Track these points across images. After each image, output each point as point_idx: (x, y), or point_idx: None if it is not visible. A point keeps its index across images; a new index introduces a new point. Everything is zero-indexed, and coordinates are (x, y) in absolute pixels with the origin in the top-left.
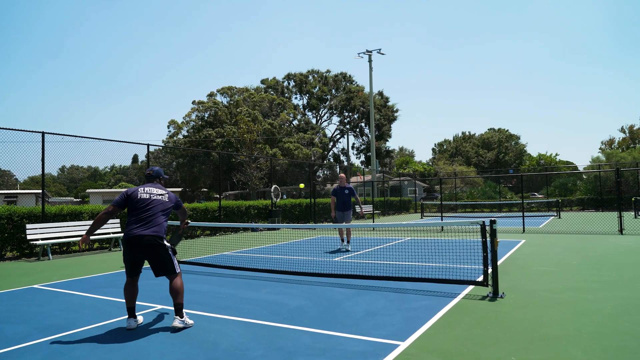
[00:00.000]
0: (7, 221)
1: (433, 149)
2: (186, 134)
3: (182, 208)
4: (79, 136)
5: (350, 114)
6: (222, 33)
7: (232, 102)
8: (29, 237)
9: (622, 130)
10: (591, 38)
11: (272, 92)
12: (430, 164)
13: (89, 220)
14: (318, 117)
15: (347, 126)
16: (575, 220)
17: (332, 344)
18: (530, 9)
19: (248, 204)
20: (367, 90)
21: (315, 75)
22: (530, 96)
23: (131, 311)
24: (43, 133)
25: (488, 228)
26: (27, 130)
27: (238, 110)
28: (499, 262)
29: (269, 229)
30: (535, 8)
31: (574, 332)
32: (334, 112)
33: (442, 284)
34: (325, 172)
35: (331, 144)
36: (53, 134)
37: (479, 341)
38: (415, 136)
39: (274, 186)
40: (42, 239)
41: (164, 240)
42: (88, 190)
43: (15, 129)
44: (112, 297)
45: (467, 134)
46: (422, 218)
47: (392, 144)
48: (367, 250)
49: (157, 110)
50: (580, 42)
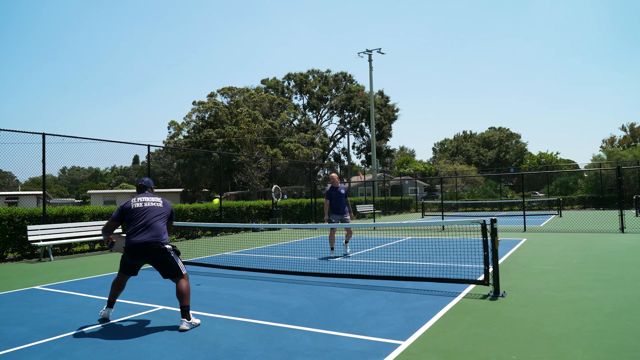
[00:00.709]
0: (8, 222)
1: (434, 148)
2: (187, 134)
3: (172, 221)
4: (80, 137)
5: (350, 113)
6: (222, 33)
7: (232, 102)
8: (30, 238)
9: (623, 129)
10: (592, 36)
11: (272, 92)
12: (431, 163)
13: (90, 221)
14: (318, 117)
15: (348, 126)
16: (576, 219)
17: (332, 344)
18: (530, 8)
19: (249, 204)
20: (367, 89)
21: (316, 75)
22: (531, 95)
23: (110, 305)
24: (44, 134)
25: (489, 227)
26: (27, 132)
27: (238, 110)
28: (500, 261)
29: (269, 229)
30: (536, 7)
31: (575, 330)
32: (335, 111)
33: (443, 283)
34: (326, 172)
35: (332, 143)
36: (54, 135)
37: (480, 340)
38: (416, 135)
39: (274, 186)
40: (43, 240)
41: (165, 244)
42: (89, 192)
43: (16, 131)
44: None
45: (468, 133)
46: (423, 217)
47: (393, 143)
48: (367, 249)
49: (158, 110)
50: (581, 40)
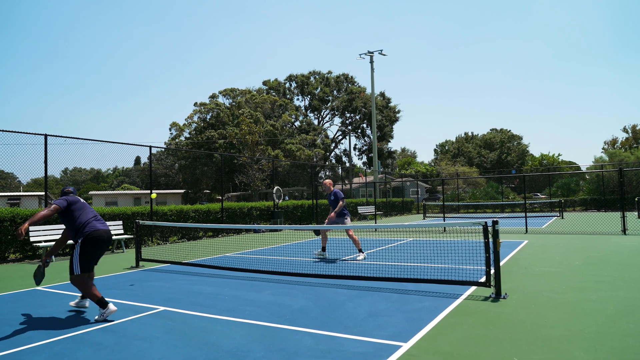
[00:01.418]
0: (10, 223)
1: (435, 150)
2: (188, 135)
3: None
4: (82, 138)
5: (352, 115)
6: (224, 34)
7: (234, 103)
8: (31, 239)
9: (625, 130)
10: (594, 38)
11: (273, 94)
12: (433, 164)
13: None
14: (320, 119)
15: (349, 127)
16: (578, 221)
17: (333, 346)
18: (532, 9)
19: (250, 206)
20: (368, 91)
21: (317, 77)
22: (533, 96)
23: (103, 300)
24: (46, 135)
25: (490, 229)
26: (29, 133)
27: (240, 111)
28: (502, 263)
29: (271, 231)
30: (537, 8)
31: (577, 332)
32: (336, 113)
33: (444, 284)
34: (327, 173)
35: (333, 145)
36: (56, 136)
37: (481, 342)
38: (417, 137)
39: (276, 187)
40: (45, 241)
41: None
42: (91, 192)
43: (18, 132)
44: (115, 299)
45: (470, 134)
46: (424, 219)
47: (394, 144)
48: (369, 251)
49: (159, 112)
50: (583, 42)
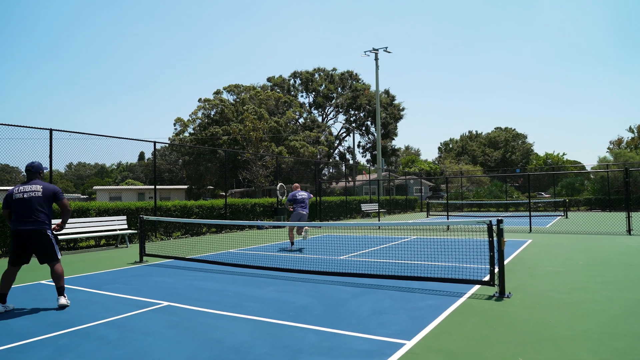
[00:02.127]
0: None
1: (439, 148)
2: (192, 131)
3: (62, 202)
4: (87, 133)
5: (356, 112)
6: (228, 31)
7: (238, 100)
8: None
9: (631, 130)
10: (599, 38)
11: (278, 90)
12: (436, 162)
13: (95, 216)
14: (324, 115)
15: (353, 124)
16: (582, 221)
17: (337, 343)
18: (537, 10)
19: (254, 202)
20: (373, 88)
21: (322, 74)
22: (538, 96)
23: (3, 298)
24: (51, 130)
25: (495, 227)
26: (35, 127)
27: (244, 108)
28: (506, 262)
29: (274, 227)
30: (542, 8)
31: (581, 332)
32: (340, 110)
33: (448, 283)
34: (331, 170)
35: (337, 142)
36: (61, 130)
37: (485, 341)
38: (422, 135)
39: (279, 184)
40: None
41: (47, 231)
42: (95, 187)
43: (23, 126)
44: (119, 294)
45: (474, 133)
46: (428, 217)
47: (398, 142)
48: (372, 249)
49: (164, 107)
50: (587, 42)
